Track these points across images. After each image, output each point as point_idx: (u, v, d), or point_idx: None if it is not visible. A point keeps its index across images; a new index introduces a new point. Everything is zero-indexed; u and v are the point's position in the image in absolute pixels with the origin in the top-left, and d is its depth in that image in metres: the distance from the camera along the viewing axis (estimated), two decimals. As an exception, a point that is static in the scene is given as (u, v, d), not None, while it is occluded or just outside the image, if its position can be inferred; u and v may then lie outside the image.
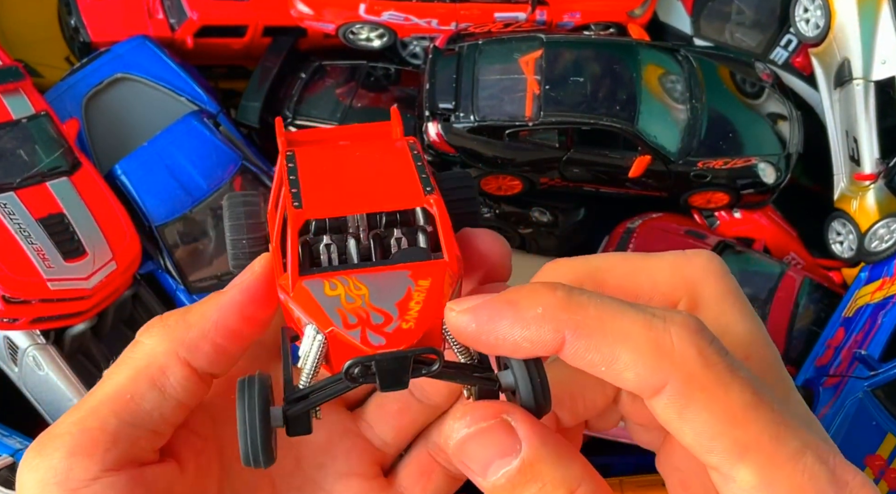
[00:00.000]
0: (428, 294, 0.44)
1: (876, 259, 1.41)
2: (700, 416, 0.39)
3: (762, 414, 0.39)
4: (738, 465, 0.39)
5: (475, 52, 1.39)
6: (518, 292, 0.43)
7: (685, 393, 0.39)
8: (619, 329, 0.40)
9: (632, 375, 0.40)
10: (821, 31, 1.45)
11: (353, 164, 0.52)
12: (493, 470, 0.41)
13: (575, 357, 0.41)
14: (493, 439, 0.41)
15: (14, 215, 1.20)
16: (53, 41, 1.57)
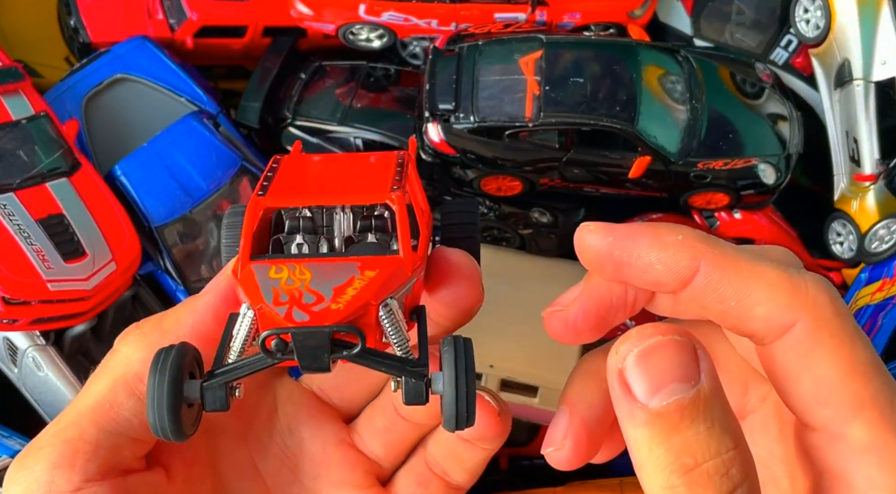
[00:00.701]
0: (369, 282, 0.44)
1: (876, 260, 1.41)
2: (824, 362, 0.38)
3: (882, 375, 0.38)
4: (852, 421, 0.38)
5: (475, 53, 1.39)
6: (657, 223, 0.42)
7: (814, 336, 0.38)
8: (755, 268, 0.40)
9: (763, 311, 0.39)
10: (821, 31, 1.45)
11: (333, 167, 0.52)
12: (665, 394, 0.37)
13: (707, 287, 0.40)
14: (675, 358, 0.38)
15: (14, 216, 1.20)
16: (53, 41, 1.57)
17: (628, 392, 0.38)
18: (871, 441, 0.38)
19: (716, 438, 0.37)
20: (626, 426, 0.38)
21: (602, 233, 0.43)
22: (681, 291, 0.42)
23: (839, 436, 0.38)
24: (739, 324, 0.41)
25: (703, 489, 0.36)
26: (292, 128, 1.49)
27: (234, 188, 1.39)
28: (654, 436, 0.37)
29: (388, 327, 0.44)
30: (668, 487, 0.37)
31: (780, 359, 0.39)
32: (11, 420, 1.28)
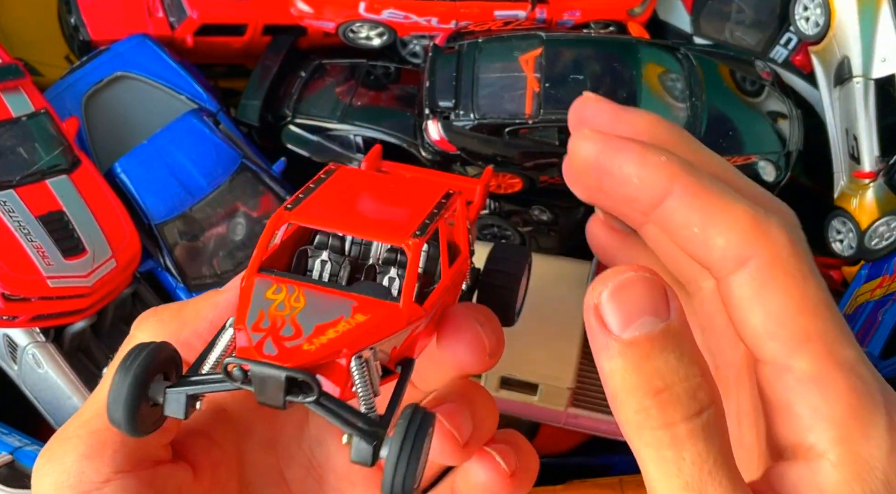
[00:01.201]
0: (354, 328, 0.43)
1: (876, 256, 1.41)
2: (775, 297, 0.41)
3: (832, 315, 0.41)
4: (797, 353, 0.40)
5: (475, 51, 1.39)
6: (648, 143, 0.45)
7: (768, 271, 0.41)
8: (724, 201, 0.43)
9: (722, 242, 0.42)
10: (820, 29, 1.45)
11: (376, 192, 0.51)
12: (637, 326, 0.40)
13: (675, 210, 0.44)
14: (645, 294, 0.40)
15: (13, 213, 1.20)
16: (53, 40, 1.57)
17: (604, 326, 0.41)
18: (814, 372, 0.40)
19: (684, 366, 0.40)
20: (602, 359, 0.41)
21: (595, 139, 0.47)
22: (651, 212, 0.45)
23: (785, 368, 0.41)
24: (700, 253, 0.44)
25: (673, 408, 0.39)
26: (292, 126, 1.49)
27: (235, 186, 1.40)
28: (626, 365, 0.40)
29: (357, 379, 0.43)
30: (640, 409, 0.39)
31: (736, 292, 0.42)
32: (11, 418, 1.29)
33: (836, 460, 0.39)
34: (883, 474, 0.39)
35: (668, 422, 0.39)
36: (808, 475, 0.40)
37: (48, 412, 1.27)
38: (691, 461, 0.39)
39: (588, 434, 1.43)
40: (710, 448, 0.39)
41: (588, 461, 1.53)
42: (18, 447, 1.21)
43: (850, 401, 0.40)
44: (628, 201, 0.46)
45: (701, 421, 0.39)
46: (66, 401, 1.25)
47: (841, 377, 0.40)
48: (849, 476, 0.39)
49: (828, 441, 0.40)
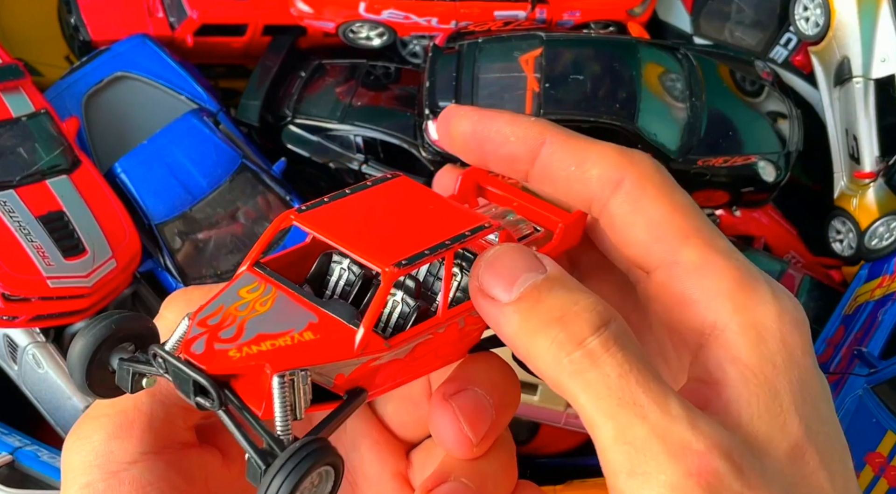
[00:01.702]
0: (295, 346, 0.42)
1: (876, 256, 1.42)
2: (651, 206, 0.45)
3: (702, 216, 0.46)
4: (682, 248, 0.45)
5: (475, 51, 1.39)
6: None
7: (640, 185, 0.46)
8: (591, 142, 0.48)
9: (596, 171, 0.47)
10: (820, 29, 1.45)
11: (408, 211, 0.49)
12: (520, 284, 0.42)
13: (552, 155, 0.48)
14: (517, 257, 0.43)
15: (14, 213, 1.20)
16: (53, 40, 1.57)
17: (493, 300, 0.43)
18: (700, 260, 0.44)
19: (574, 294, 0.42)
20: (502, 329, 0.43)
21: (469, 114, 0.50)
22: (531, 168, 0.49)
23: (674, 263, 0.45)
24: (580, 190, 0.47)
25: (579, 326, 0.40)
26: (292, 126, 1.50)
27: (235, 186, 1.40)
28: (523, 317, 0.42)
29: (276, 398, 0.41)
30: (550, 343, 0.41)
31: (617, 212, 0.46)
32: (11, 418, 1.29)
33: (737, 329, 0.42)
34: (779, 333, 0.42)
35: (580, 340, 0.40)
36: (721, 350, 0.43)
37: (48, 412, 1.27)
38: (616, 374, 0.40)
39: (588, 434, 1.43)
40: (628, 355, 0.40)
41: (588, 461, 1.53)
42: (18, 447, 1.21)
43: (736, 277, 0.43)
44: (510, 160, 0.49)
45: (610, 332, 0.41)
46: (66, 401, 1.25)
47: (723, 260, 0.44)
48: (752, 342, 0.42)
49: (726, 315, 0.43)
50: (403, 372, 0.47)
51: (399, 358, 0.46)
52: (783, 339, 0.42)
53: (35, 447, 1.23)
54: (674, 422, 0.39)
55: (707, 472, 0.38)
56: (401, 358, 0.46)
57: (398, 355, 0.45)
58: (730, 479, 0.38)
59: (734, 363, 0.42)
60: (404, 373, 0.47)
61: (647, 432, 0.39)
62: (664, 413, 0.39)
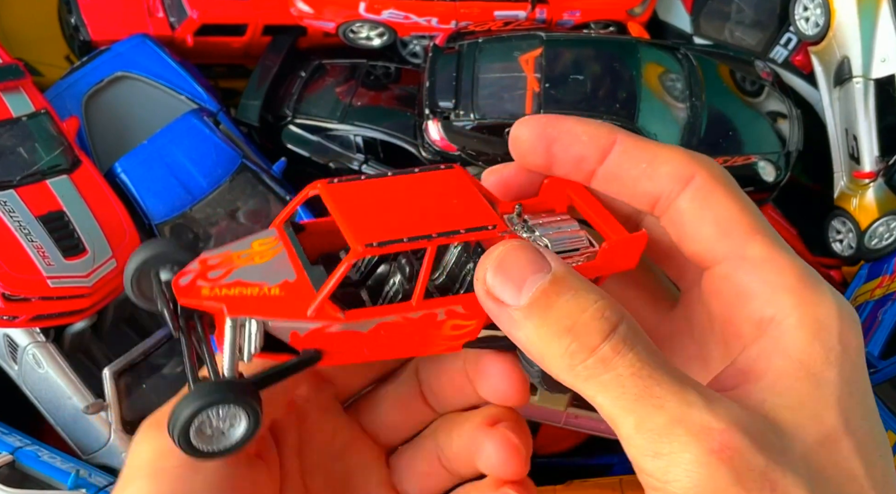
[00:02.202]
0: (260, 297, 0.47)
1: (876, 256, 1.42)
2: (721, 203, 0.47)
3: (763, 217, 0.47)
4: (749, 243, 0.46)
5: (475, 51, 1.39)
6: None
7: (710, 184, 0.47)
8: (660, 143, 0.49)
9: (667, 168, 0.48)
10: (820, 29, 1.45)
11: (430, 200, 0.51)
12: (528, 288, 0.43)
13: (622, 154, 0.49)
14: (522, 258, 0.44)
15: (14, 213, 1.20)
16: (53, 40, 1.57)
17: (502, 304, 0.44)
18: (765, 255, 0.45)
19: (581, 297, 0.43)
20: (514, 333, 0.44)
21: (535, 119, 0.51)
22: (599, 166, 0.49)
23: (741, 257, 0.46)
24: (650, 185, 0.48)
25: (589, 336, 0.42)
26: (292, 126, 1.50)
27: (235, 186, 1.40)
28: (535, 324, 0.43)
29: (226, 339, 0.46)
30: (564, 353, 0.42)
31: (685, 207, 0.47)
32: (11, 417, 1.29)
33: (795, 322, 0.43)
34: (838, 332, 0.43)
35: (591, 348, 0.42)
36: (772, 343, 0.44)
37: (48, 412, 1.27)
38: (629, 373, 0.41)
39: (588, 433, 1.43)
40: (638, 353, 0.41)
41: (588, 461, 1.53)
42: (19, 447, 1.21)
43: (799, 274, 0.44)
44: (579, 160, 0.50)
45: (619, 335, 0.42)
46: (67, 401, 1.25)
47: (787, 257, 0.45)
48: (809, 336, 0.43)
49: (786, 308, 0.44)
50: (371, 349, 0.50)
51: (360, 332, 0.48)
52: (840, 336, 0.43)
53: (35, 447, 1.23)
54: (692, 407, 0.40)
55: (729, 447, 0.39)
56: (363, 333, 0.49)
57: (358, 329, 0.48)
58: (751, 453, 0.39)
59: (782, 355, 0.43)
60: (372, 350, 0.50)
61: (666, 419, 0.40)
62: (681, 401, 0.40)
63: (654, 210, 0.50)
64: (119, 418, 1.24)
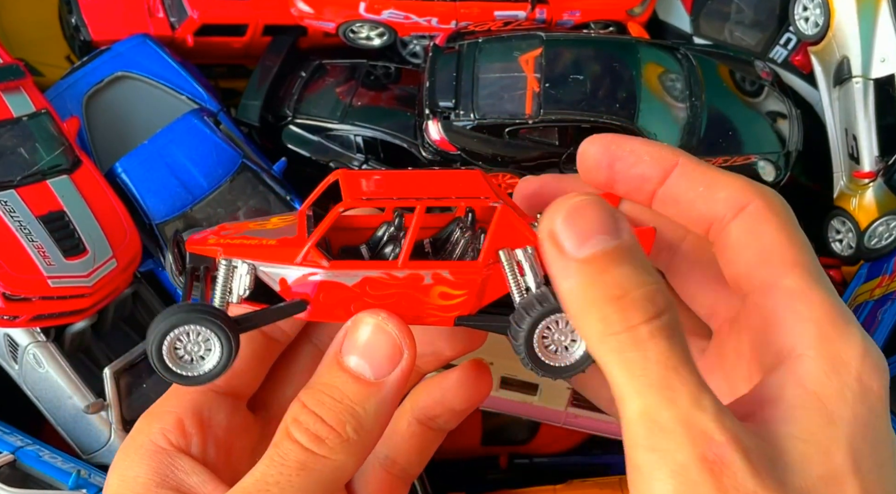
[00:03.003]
0: (255, 246, 0.52)
1: (875, 256, 1.42)
2: (769, 232, 0.47)
3: (813, 253, 0.47)
4: (786, 274, 0.46)
5: (475, 51, 1.39)
6: None
7: (764, 213, 0.47)
8: (721, 170, 0.50)
9: (725, 194, 0.48)
10: (820, 29, 1.45)
11: (433, 184, 0.54)
12: (592, 244, 0.43)
13: (682, 177, 0.49)
14: (597, 215, 0.44)
15: (14, 213, 1.20)
16: (54, 40, 1.57)
17: (560, 248, 0.43)
18: (799, 288, 0.45)
19: (639, 275, 0.42)
20: (560, 280, 0.44)
21: (602, 137, 0.52)
22: (661, 187, 0.50)
23: (775, 286, 0.46)
24: (705, 208, 0.49)
25: (633, 312, 0.41)
26: (293, 126, 1.50)
27: (235, 186, 1.40)
28: (584, 281, 0.43)
29: (218, 278, 0.52)
30: (601, 318, 0.42)
31: (735, 232, 0.48)
32: (12, 417, 1.29)
33: (815, 355, 0.43)
34: (857, 371, 0.42)
35: (630, 325, 0.41)
36: (789, 373, 0.43)
37: (49, 411, 1.27)
38: (655, 359, 0.41)
39: (588, 433, 1.43)
40: (673, 346, 0.41)
41: (588, 460, 1.53)
42: (20, 446, 1.21)
43: (830, 311, 0.44)
44: (640, 180, 0.51)
45: (661, 322, 0.41)
46: (67, 401, 1.25)
47: (823, 293, 0.45)
48: (827, 370, 0.42)
49: (809, 340, 0.43)
50: (357, 304, 0.52)
51: (346, 285, 0.51)
52: (860, 377, 0.42)
53: (36, 446, 1.23)
54: (701, 411, 0.40)
55: (722, 461, 0.39)
56: (348, 287, 0.51)
57: (344, 281, 0.51)
58: (743, 475, 0.39)
59: (797, 386, 0.43)
60: (358, 305, 0.52)
61: (672, 415, 0.40)
62: (693, 402, 0.40)
63: (709, 234, 0.50)
64: (119, 417, 1.24)
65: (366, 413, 0.48)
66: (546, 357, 0.51)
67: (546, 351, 0.51)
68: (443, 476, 1.35)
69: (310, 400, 0.48)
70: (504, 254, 0.51)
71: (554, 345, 0.50)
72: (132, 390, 1.28)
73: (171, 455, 0.52)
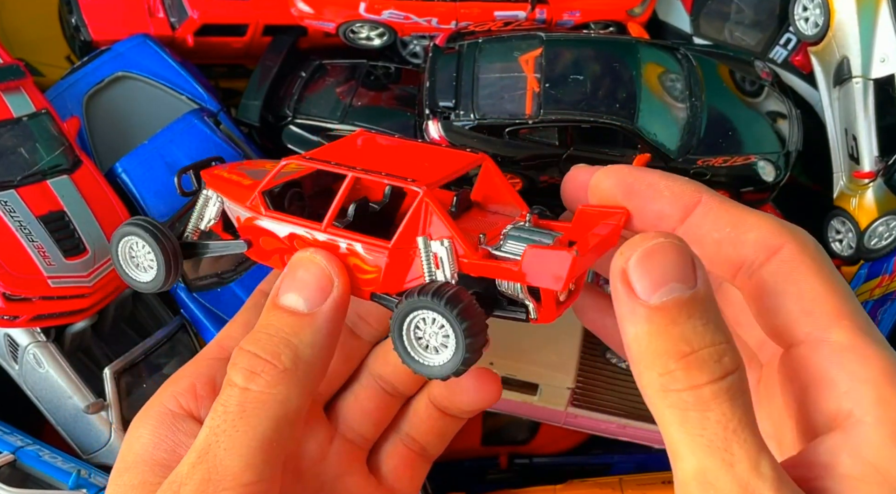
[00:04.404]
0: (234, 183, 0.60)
1: (875, 256, 1.42)
2: (808, 278, 0.43)
3: (855, 299, 0.44)
4: (833, 327, 0.42)
5: (475, 51, 1.39)
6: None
7: (799, 257, 0.43)
8: (747, 208, 0.46)
9: (754, 236, 0.44)
10: (820, 29, 1.45)
11: (405, 158, 0.59)
12: (665, 292, 0.41)
13: (706, 216, 0.45)
14: (674, 260, 0.41)
15: (15, 213, 1.20)
16: (54, 40, 1.57)
17: (631, 291, 0.41)
18: (849, 343, 0.42)
19: (710, 332, 0.40)
20: (627, 324, 0.42)
21: (614, 170, 0.49)
22: (680, 226, 0.46)
23: (822, 341, 0.42)
24: (732, 251, 0.45)
25: (699, 371, 0.40)
26: (293, 126, 1.50)
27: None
28: (652, 329, 0.41)
29: (197, 204, 0.63)
30: (665, 372, 0.40)
31: (769, 279, 0.44)
32: (12, 417, 1.29)
33: (874, 421, 0.40)
34: None
35: (694, 385, 0.40)
36: (844, 440, 0.41)
37: (49, 411, 1.28)
38: (716, 420, 0.39)
39: (588, 433, 1.43)
40: (735, 409, 0.39)
41: (588, 460, 1.53)
42: (20, 446, 1.22)
43: (885, 367, 0.41)
44: (659, 216, 0.47)
45: (726, 384, 0.40)
46: (67, 401, 1.25)
47: (875, 348, 0.41)
48: (887, 439, 0.40)
49: (866, 404, 0.40)
50: (288, 256, 0.55)
51: (278, 235, 0.56)
52: None
53: (36, 446, 1.23)
54: (759, 479, 0.38)
55: None
56: (280, 238, 0.56)
57: (276, 231, 0.56)
58: None
59: (855, 456, 0.40)
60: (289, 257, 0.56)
61: (730, 480, 0.38)
62: (752, 468, 0.38)
63: (735, 279, 0.46)
64: (119, 418, 1.24)
65: (301, 343, 0.47)
66: (413, 348, 0.50)
67: (415, 343, 0.50)
68: (443, 476, 1.35)
69: (246, 342, 0.48)
70: (422, 242, 0.51)
71: (425, 341, 0.50)
72: (132, 390, 1.28)
73: (176, 418, 0.52)
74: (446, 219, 0.50)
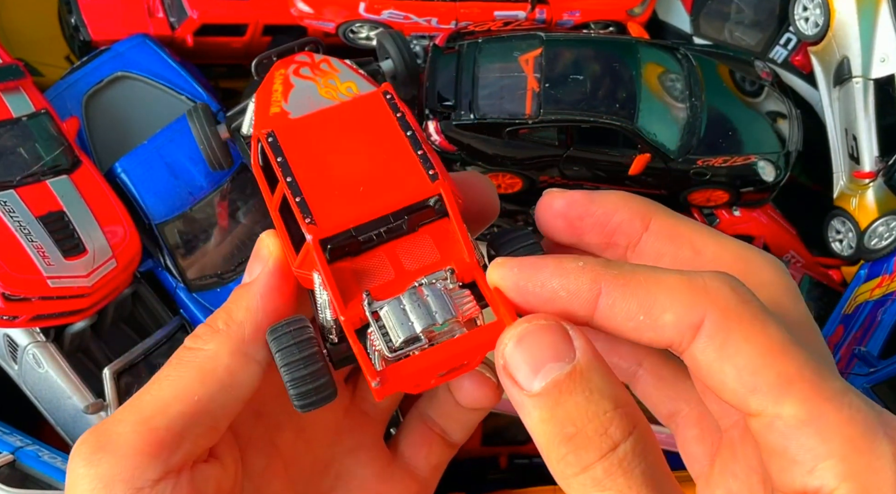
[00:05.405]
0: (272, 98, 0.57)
1: (875, 256, 1.42)
2: (741, 350, 0.39)
3: (801, 352, 0.39)
4: (782, 400, 0.38)
5: (475, 51, 1.39)
6: (561, 254, 0.45)
7: (724, 326, 0.39)
8: (654, 278, 0.41)
9: (670, 317, 0.40)
10: (820, 29, 1.45)
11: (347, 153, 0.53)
12: (543, 375, 0.39)
13: (612, 308, 0.41)
14: (546, 340, 0.40)
15: (14, 213, 1.20)
16: (54, 40, 1.57)
17: (514, 382, 0.40)
18: (805, 414, 0.38)
19: (594, 403, 0.39)
20: (523, 416, 0.40)
21: (508, 265, 0.44)
22: (591, 320, 0.42)
23: (775, 417, 0.39)
24: (654, 337, 0.41)
25: (586, 451, 0.38)
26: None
27: (235, 186, 1.40)
28: (542, 416, 0.39)
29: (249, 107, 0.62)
30: (559, 459, 0.39)
31: (702, 359, 0.40)
32: (12, 417, 1.29)
33: (848, 490, 0.37)
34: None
35: (585, 466, 0.39)
36: None
37: (48, 411, 1.27)
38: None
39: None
40: (631, 480, 0.38)
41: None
42: (19, 446, 1.21)
43: (850, 435, 0.38)
44: (566, 316, 0.42)
45: (617, 457, 0.38)
46: (67, 401, 1.25)
47: (834, 412, 0.38)
48: None
49: (835, 480, 0.38)
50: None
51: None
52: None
53: (36, 446, 1.23)
54: None
55: None
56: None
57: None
58: None
59: None
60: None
61: None
62: None
63: (672, 351, 0.42)
64: (119, 418, 1.24)
65: (236, 307, 0.50)
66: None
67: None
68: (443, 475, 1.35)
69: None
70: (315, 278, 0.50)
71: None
72: (132, 390, 1.28)
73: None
74: (325, 272, 0.48)
